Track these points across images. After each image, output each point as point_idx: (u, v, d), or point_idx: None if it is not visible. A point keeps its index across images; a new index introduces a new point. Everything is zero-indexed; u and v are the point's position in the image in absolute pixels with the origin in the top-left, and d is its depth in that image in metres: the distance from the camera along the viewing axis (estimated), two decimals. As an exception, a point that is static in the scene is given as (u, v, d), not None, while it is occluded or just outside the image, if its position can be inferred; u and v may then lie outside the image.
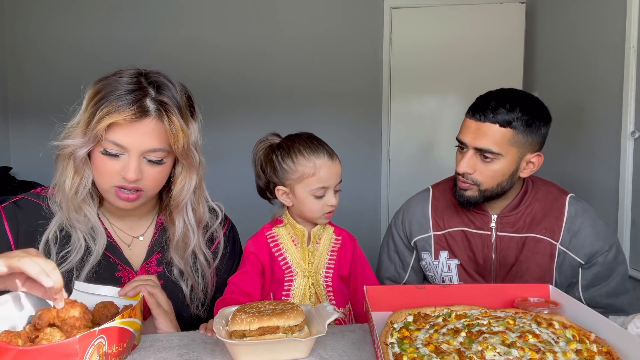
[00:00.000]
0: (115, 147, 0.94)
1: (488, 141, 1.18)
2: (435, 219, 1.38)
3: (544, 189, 1.32)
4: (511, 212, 1.30)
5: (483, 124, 1.18)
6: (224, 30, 3.83)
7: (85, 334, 0.66)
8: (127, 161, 0.95)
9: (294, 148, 1.10)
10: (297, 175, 1.09)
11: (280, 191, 1.13)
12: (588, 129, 2.76)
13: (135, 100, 0.93)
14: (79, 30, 3.81)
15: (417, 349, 0.74)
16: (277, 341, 0.76)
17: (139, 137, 0.95)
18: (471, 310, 0.90)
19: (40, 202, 1.04)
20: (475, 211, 1.32)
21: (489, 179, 1.22)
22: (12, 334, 0.71)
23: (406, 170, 3.78)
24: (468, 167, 1.22)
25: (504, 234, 1.30)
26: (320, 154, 1.10)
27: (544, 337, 0.77)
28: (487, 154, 1.19)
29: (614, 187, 2.45)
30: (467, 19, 3.60)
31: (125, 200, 0.99)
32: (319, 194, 1.09)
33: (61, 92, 4.04)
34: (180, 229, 1.07)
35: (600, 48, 2.61)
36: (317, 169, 1.08)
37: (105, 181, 0.98)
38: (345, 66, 3.84)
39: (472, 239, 1.32)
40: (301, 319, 0.80)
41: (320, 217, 1.12)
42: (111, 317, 0.80)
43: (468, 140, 1.22)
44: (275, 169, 1.12)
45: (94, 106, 0.93)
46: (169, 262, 1.10)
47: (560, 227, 1.26)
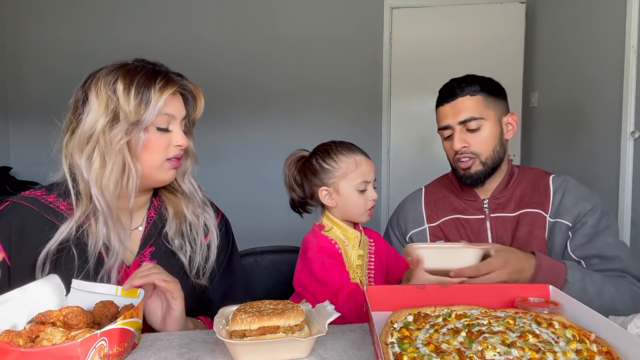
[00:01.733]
0: (167, 120, 1.04)
1: (467, 111, 1.30)
2: (429, 212, 1.44)
3: (529, 172, 1.42)
4: (501, 193, 1.36)
5: (456, 102, 1.31)
6: (224, 29, 3.84)
7: (87, 338, 0.66)
8: (174, 131, 1.06)
9: (333, 149, 1.20)
10: (340, 172, 1.18)
11: (324, 192, 1.19)
12: (588, 129, 2.76)
13: (170, 75, 1.06)
14: (79, 30, 3.82)
15: (417, 348, 0.74)
16: (277, 341, 0.76)
17: (179, 106, 1.08)
18: (471, 310, 0.90)
19: (35, 206, 1.02)
20: (467, 198, 1.39)
21: (484, 146, 1.31)
22: (12, 334, 0.71)
23: (406, 170, 3.79)
24: (462, 142, 1.31)
25: (497, 215, 1.35)
26: (357, 151, 1.21)
27: (544, 337, 0.77)
28: (471, 123, 1.29)
29: (614, 187, 2.45)
30: (467, 19, 3.61)
31: (176, 168, 1.09)
32: (362, 187, 1.17)
33: (61, 92, 4.04)
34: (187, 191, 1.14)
35: (600, 48, 2.61)
36: (359, 164, 1.18)
37: (158, 157, 1.04)
38: (345, 66, 3.85)
39: (467, 225, 1.37)
40: (301, 318, 0.80)
41: (364, 213, 1.19)
42: (111, 316, 0.80)
43: (450, 121, 1.31)
44: (316, 172, 1.20)
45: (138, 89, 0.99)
46: (165, 239, 1.10)
47: (548, 201, 1.33)
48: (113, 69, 1.02)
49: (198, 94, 1.13)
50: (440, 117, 1.35)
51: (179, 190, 1.16)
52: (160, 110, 1.01)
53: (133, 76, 1.01)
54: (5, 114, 3.84)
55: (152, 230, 1.11)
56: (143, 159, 1.02)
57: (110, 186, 0.99)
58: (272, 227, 3.17)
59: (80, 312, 0.77)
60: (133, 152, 1.00)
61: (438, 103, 1.36)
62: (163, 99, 1.00)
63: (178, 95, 1.08)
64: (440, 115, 1.35)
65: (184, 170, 1.15)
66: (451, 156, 1.36)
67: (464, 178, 1.35)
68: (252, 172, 3.75)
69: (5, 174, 3.55)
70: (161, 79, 1.03)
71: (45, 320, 0.75)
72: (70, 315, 0.75)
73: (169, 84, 1.03)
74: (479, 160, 1.31)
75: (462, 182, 1.38)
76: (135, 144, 1.00)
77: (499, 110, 1.33)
